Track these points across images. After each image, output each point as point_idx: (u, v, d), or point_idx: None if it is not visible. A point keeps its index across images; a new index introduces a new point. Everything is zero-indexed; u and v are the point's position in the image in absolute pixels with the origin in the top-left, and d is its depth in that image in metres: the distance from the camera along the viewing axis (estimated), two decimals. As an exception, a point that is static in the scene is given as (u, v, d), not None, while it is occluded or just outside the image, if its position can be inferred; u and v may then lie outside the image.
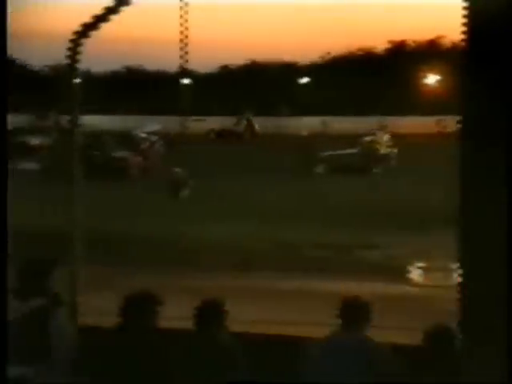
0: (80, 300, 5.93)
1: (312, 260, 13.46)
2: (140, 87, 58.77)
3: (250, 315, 7.11)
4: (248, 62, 68.18)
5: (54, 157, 26.31)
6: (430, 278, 12.81)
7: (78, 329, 5.53)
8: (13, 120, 45.75)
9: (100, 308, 6.08)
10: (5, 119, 4.77)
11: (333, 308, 5.01)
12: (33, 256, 5.45)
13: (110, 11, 5.52)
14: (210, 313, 5.14)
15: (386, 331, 5.25)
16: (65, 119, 6.08)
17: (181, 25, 6.42)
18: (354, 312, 5.02)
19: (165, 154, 30.70)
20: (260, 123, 49.01)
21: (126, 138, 31.54)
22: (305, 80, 64.41)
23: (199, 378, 4.89)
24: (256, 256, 13.72)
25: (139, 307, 5.16)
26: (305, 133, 44.04)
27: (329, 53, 68.33)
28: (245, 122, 46.30)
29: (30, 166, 28.46)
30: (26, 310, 5.14)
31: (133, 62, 67.34)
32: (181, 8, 6.49)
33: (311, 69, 66.11)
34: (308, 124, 49.22)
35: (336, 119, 49.75)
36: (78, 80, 5.82)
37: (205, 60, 50.16)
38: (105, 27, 5.67)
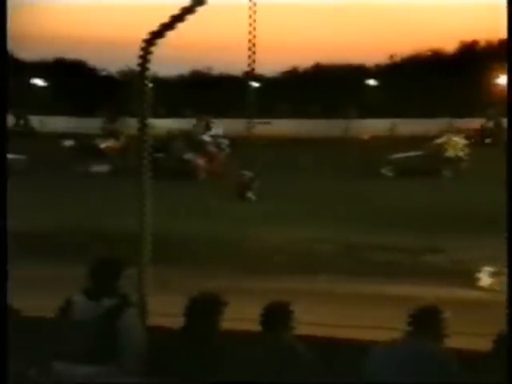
0: (148, 300, 6.03)
1: (377, 263, 13.36)
2: (207, 90, 59.19)
3: (314, 318, 7.11)
4: (315, 63, 68.03)
5: (124, 159, 26.76)
6: (499, 282, 12.58)
7: (146, 329, 5.61)
8: (85, 124, 46.38)
9: (165, 308, 6.17)
10: (5, 119, 4.85)
11: (398, 312, 4.98)
12: (104, 256, 5.55)
13: (186, 11, 5.54)
14: (277, 314, 5.16)
15: (453, 337, 5.19)
16: (134, 122, 6.19)
17: (249, 25, 6.39)
18: (425, 319, 4.96)
19: (231, 156, 30.88)
20: (328, 125, 48.88)
21: (192, 141, 31.87)
22: (372, 82, 63.93)
23: (264, 379, 4.92)
24: (320, 258, 13.69)
25: (203, 308, 5.22)
26: (372, 135, 43.73)
27: (396, 54, 67.67)
28: (203, 124, 46.99)
29: (101, 168, 28.98)
30: (98, 310, 5.24)
31: (201, 65, 67.81)
32: (249, 8, 6.47)
33: (379, 70, 65.58)
34: (375, 126, 48.86)
35: (404, 121, 49.22)
36: (148, 84, 5.90)
37: (272, 62, 50.20)
38: (172, 30, 5.72)
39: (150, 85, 5.91)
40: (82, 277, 5.42)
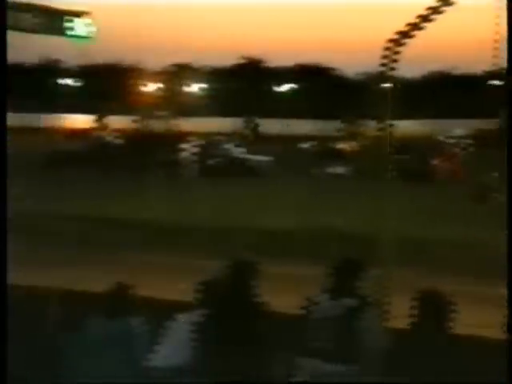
0: (388, 301, 6.02)
1: None
2: (450, 90, 57.93)
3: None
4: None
5: (362, 161, 26.90)
6: None
7: (385, 330, 5.62)
8: (326, 127, 46.90)
9: (401, 310, 6.16)
10: (5, 119, 4.93)
11: None
12: (347, 257, 5.63)
13: (434, 11, 5.46)
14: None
15: None
16: (375, 124, 6.21)
17: (496, 25, 6.21)
18: None
19: (474, 157, 29.99)
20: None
21: (432, 142, 31.44)
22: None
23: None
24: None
25: (432, 309, 5.16)
26: None
27: None
28: (251, 125, 47.08)
29: (338, 170, 29.33)
30: (340, 309, 5.33)
31: (444, 65, 66.36)
32: (497, 8, 6.27)
33: None
34: None
35: None
36: (394, 84, 5.88)
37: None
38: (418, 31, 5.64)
39: (395, 86, 5.89)
40: (322, 276, 5.53)
